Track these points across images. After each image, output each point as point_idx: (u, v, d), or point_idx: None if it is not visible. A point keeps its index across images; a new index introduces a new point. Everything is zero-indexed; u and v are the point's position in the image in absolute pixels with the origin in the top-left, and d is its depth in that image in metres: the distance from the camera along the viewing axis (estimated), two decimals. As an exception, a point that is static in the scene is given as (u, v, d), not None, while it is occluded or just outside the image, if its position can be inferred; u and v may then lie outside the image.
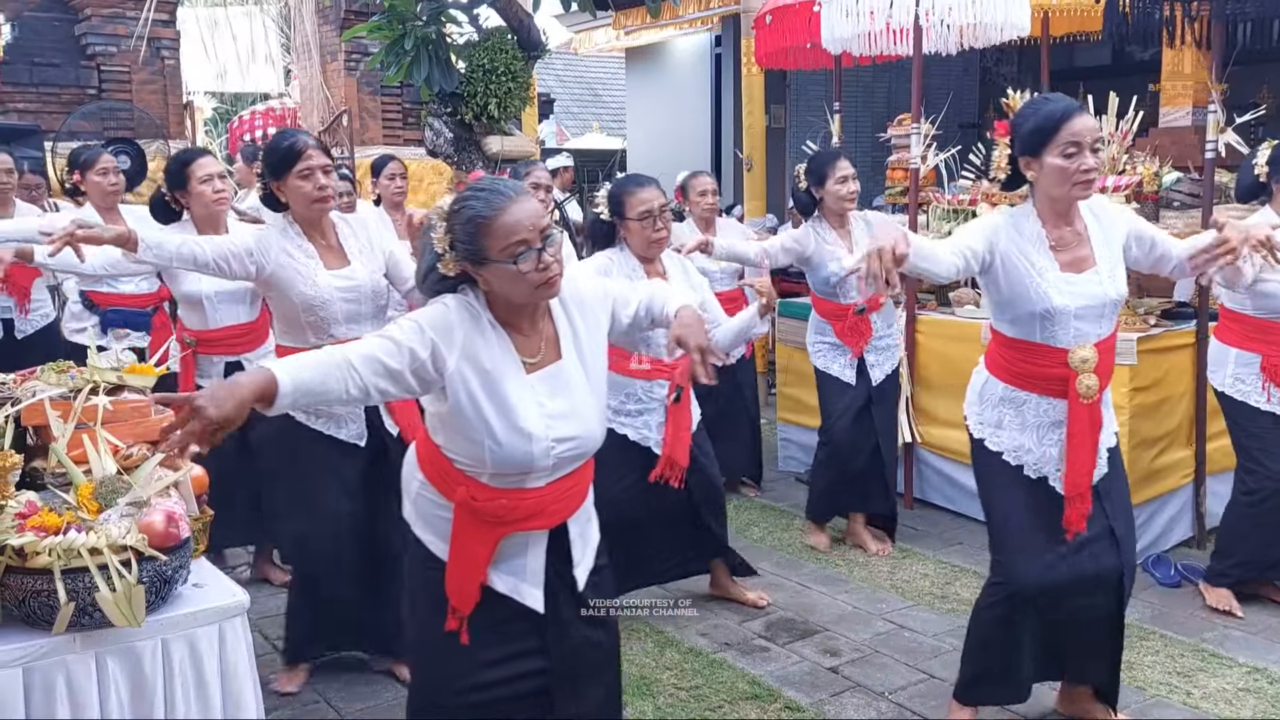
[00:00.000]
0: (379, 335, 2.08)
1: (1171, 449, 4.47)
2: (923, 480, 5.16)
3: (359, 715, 3.22)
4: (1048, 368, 2.82)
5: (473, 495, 2.16)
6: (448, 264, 2.11)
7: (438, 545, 2.23)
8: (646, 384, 3.72)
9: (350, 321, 3.16)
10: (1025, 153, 2.76)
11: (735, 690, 3.34)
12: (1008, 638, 2.91)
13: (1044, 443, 2.87)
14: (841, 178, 4.40)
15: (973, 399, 3.00)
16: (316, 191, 3.08)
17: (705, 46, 11.34)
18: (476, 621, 2.21)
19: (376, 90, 9.08)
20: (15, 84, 8.07)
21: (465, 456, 2.16)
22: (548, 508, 2.22)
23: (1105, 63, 10.30)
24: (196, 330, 3.87)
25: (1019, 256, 2.78)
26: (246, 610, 2.10)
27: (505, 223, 2.04)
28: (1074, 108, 2.70)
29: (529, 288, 2.08)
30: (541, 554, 2.26)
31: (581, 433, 2.20)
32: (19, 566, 1.87)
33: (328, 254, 3.18)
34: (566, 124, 17.79)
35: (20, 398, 2.31)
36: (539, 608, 2.24)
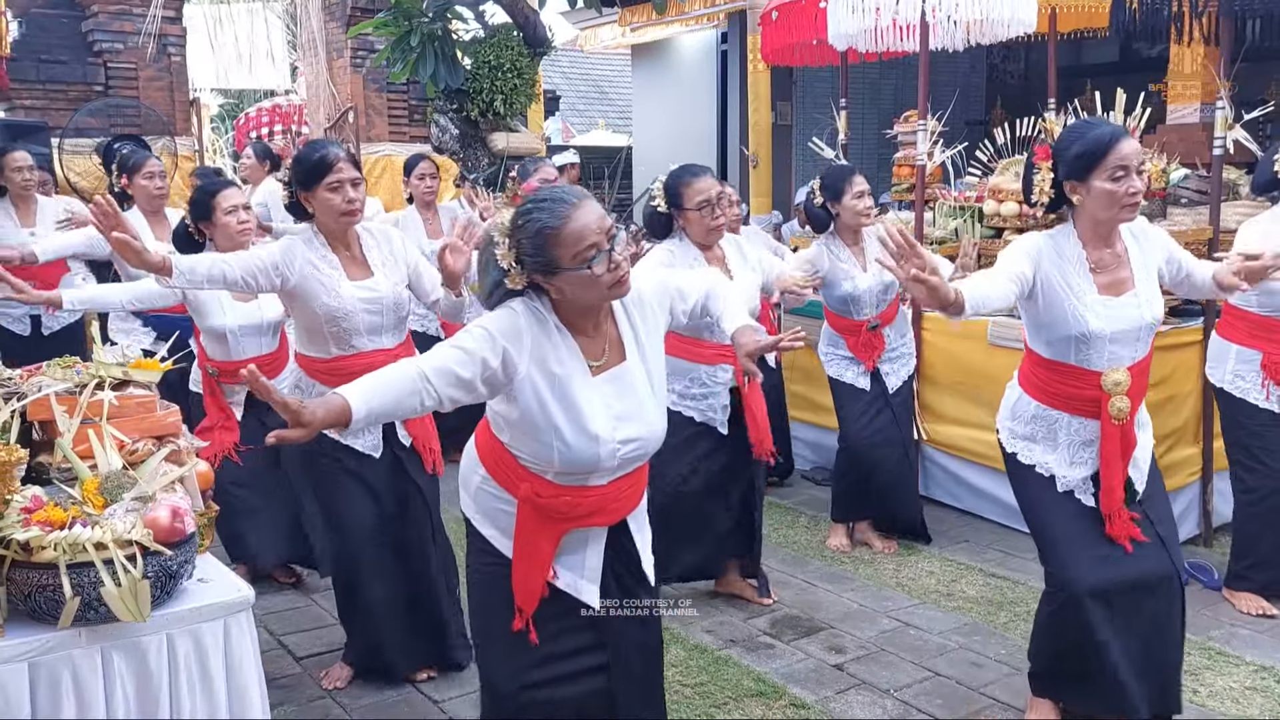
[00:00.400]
0: (451, 345, 2.10)
1: (1179, 446, 4.46)
2: (929, 478, 5.15)
3: (364, 712, 3.22)
4: (1081, 389, 2.82)
5: (537, 491, 2.20)
6: (515, 278, 2.13)
7: (500, 540, 2.27)
8: (710, 369, 3.79)
9: (372, 333, 3.17)
10: (1071, 177, 2.74)
11: (740, 687, 3.34)
12: (1081, 643, 2.86)
13: (1075, 462, 2.88)
14: (858, 193, 4.39)
15: (1005, 414, 3.01)
16: (345, 204, 3.07)
17: (711, 43, 11.32)
18: (541, 618, 2.24)
19: (383, 87, 9.08)
20: (23, 80, 8.08)
21: (532, 456, 2.20)
22: (609, 505, 2.27)
23: (1113, 59, 10.28)
24: (219, 361, 3.90)
25: (1059, 279, 2.77)
26: (252, 606, 2.10)
27: (574, 229, 2.07)
28: (1121, 132, 2.70)
29: (603, 289, 2.11)
30: (600, 551, 2.30)
31: (645, 433, 2.24)
32: (25, 561, 1.87)
33: (351, 265, 3.18)
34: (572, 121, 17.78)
35: (26, 392, 2.31)
36: (595, 604, 2.28)
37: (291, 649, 3.65)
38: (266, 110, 12.40)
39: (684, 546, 3.86)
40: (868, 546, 4.59)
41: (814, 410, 5.48)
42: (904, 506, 4.61)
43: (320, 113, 9.33)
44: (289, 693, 3.32)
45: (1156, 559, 2.86)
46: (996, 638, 3.69)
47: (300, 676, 3.45)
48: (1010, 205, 5.09)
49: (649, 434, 2.25)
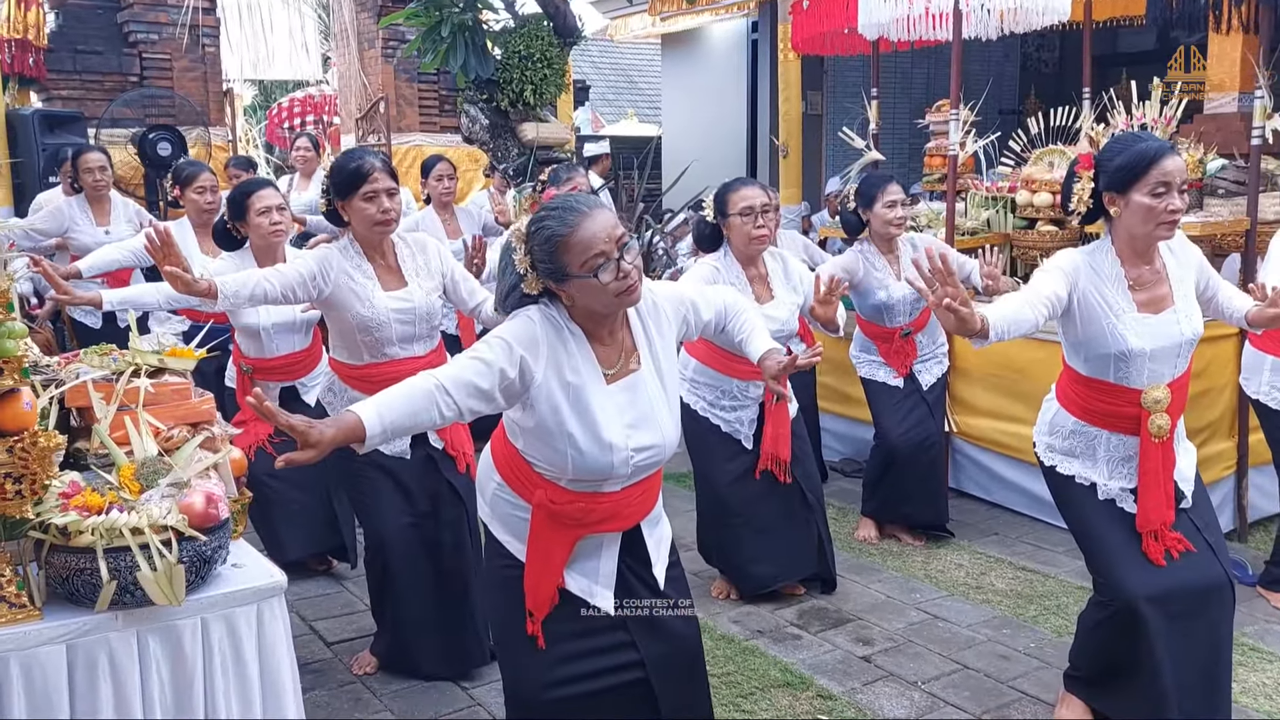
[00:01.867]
0: (470, 356, 2.12)
1: (1213, 440, 4.41)
2: (959, 470, 5.12)
3: (393, 698, 3.25)
4: (1120, 406, 2.79)
5: (551, 498, 2.22)
6: (530, 284, 2.17)
7: (515, 545, 2.30)
8: (743, 384, 3.83)
9: (404, 342, 3.20)
10: (1111, 189, 2.71)
11: (767, 678, 3.34)
12: (1134, 649, 2.82)
13: (1114, 476, 2.86)
14: (890, 202, 4.37)
15: (1043, 428, 2.98)
16: (380, 215, 3.09)
17: (742, 32, 11.27)
18: (555, 621, 2.26)
19: (414, 77, 9.12)
20: (60, 71, 8.19)
21: (546, 463, 2.22)
22: (622, 511, 2.29)
23: (1150, 48, 10.12)
24: (254, 359, 3.94)
25: (1096, 297, 2.73)
26: (284, 591, 2.13)
27: (582, 238, 2.10)
28: (1166, 147, 2.66)
29: (610, 297, 2.14)
30: (614, 556, 2.32)
31: (659, 441, 2.26)
32: (63, 545, 1.90)
33: (386, 275, 3.20)
34: (602, 111, 17.76)
35: (64, 379, 2.34)
36: (609, 609, 2.30)
37: (323, 634, 3.69)
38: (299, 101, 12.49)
39: (750, 558, 3.89)
40: (896, 539, 4.57)
41: (844, 402, 5.46)
42: (932, 503, 4.59)
43: (351, 103, 9.38)
44: (320, 677, 3.36)
45: (1209, 566, 2.81)
46: (1026, 631, 3.67)
47: (331, 662, 3.49)
48: (1044, 196, 5.04)
49: (662, 441, 2.27)
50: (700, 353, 3.86)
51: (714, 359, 3.80)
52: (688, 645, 2.41)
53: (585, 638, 2.30)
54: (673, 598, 2.41)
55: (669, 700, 2.34)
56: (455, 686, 3.31)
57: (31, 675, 1.85)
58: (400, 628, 3.33)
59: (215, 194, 4.78)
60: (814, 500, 3.96)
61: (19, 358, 1.89)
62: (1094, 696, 3.01)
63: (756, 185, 3.81)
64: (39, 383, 2.16)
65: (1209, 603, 2.81)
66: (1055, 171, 5.02)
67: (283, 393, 4.03)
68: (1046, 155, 5.17)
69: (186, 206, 4.75)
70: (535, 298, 2.21)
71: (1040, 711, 3.13)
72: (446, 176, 5.80)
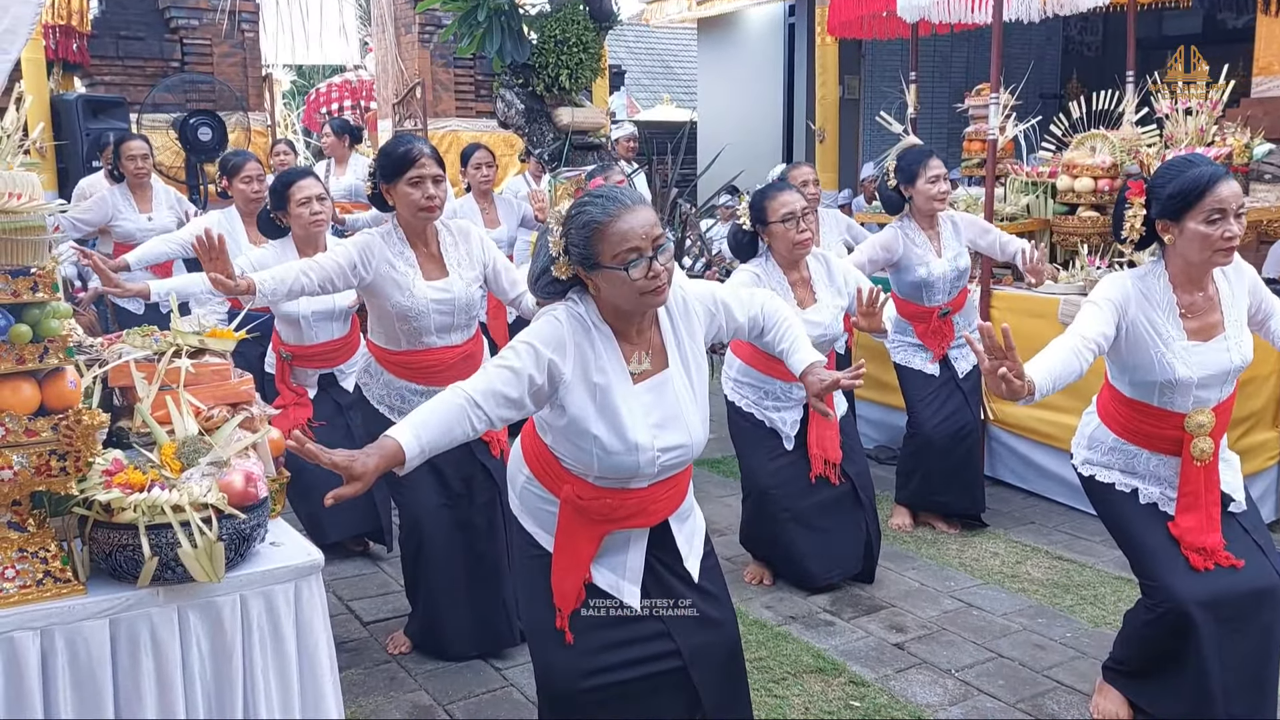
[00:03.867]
0: (497, 365, 2.13)
1: (1256, 430, 4.34)
2: (995, 458, 5.08)
3: (428, 677, 3.29)
4: (1163, 430, 2.75)
5: (578, 493, 2.23)
6: (561, 267, 2.17)
7: (544, 537, 2.31)
8: (786, 385, 3.82)
9: (441, 331, 3.22)
10: (1164, 216, 2.64)
11: (800, 663, 3.34)
12: (1182, 651, 2.79)
13: (1150, 490, 2.82)
14: (933, 177, 4.31)
15: (1081, 441, 2.95)
16: (425, 200, 3.11)
17: (778, 16, 11.18)
18: (585, 613, 2.27)
19: (450, 62, 9.15)
20: (102, 57, 8.30)
21: (572, 459, 2.23)
22: (649, 507, 2.29)
23: (1196, 31, 9.94)
24: (293, 345, 3.99)
25: (1146, 325, 2.68)
26: (321, 569, 2.15)
27: (619, 229, 2.09)
28: (1220, 173, 2.58)
29: (636, 295, 2.13)
30: (642, 552, 2.32)
31: (686, 441, 2.25)
32: (106, 521, 1.94)
33: (428, 263, 3.21)
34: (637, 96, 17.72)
35: (107, 360, 2.38)
36: (636, 605, 2.30)
37: (359, 614, 3.74)
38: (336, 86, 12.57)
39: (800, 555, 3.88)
40: (931, 527, 4.54)
41: (879, 389, 5.43)
42: (968, 492, 4.54)
43: (389, 88, 9.42)
44: (356, 656, 3.40)
45: (1260, 568, 2.77)
46: (1061, 620, 3.64)
47: (367, 641, 3.53)
48: (1085, 181, 4.97)
49: (689, 441, 2.26)
50: (744, 353, 3.85)
51: (757, 360, 3.79)
52: (725, 635, 2.40)
53: (618, 627, 2.30)
54: (708, 589, 2.40)
55: (709, 690, 2.34)
56: (489, 666, 3.34)
57: (75, 649, 1.89)
58: (432, 608, 3.36)
59: (262, 183, 4.85)
60: (866, 500, 3.93)
61: (63, 338, 1.93)
62: (1135, 690, 2.97)
63: (793, 190, 3.74)
64: (83, 362, 2.20)
65: (1261, 605, 2.76)
66: (1097, 156, 4.95)
67: (321, 379, 4.07)
68: (1088, 140, 5.10)
69: (234, 196, 4.83)
70: (564, 285, 2.21)
71: (1076, 701, 3.10)
72: (485, 165, 5.83)
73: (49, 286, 1.90)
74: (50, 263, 1.95)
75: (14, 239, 1.86)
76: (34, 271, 1.88)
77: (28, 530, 1.95)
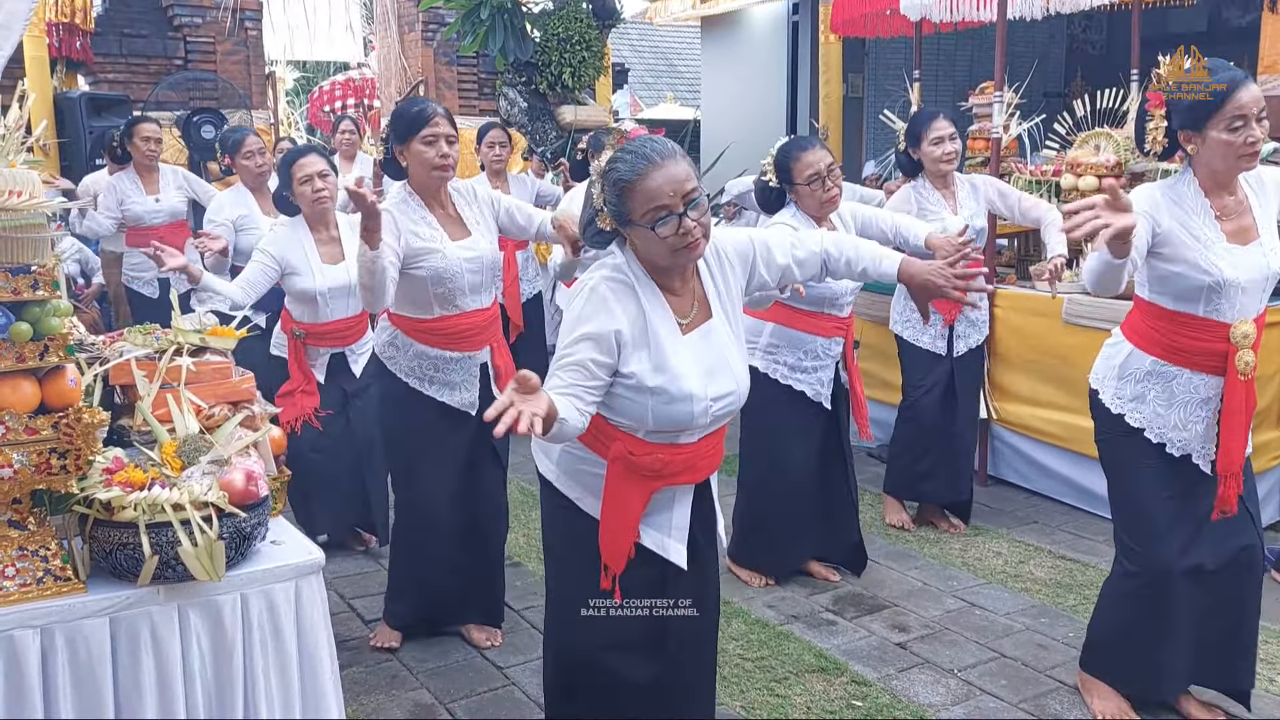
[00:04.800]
0: (569, 367, 2.08)
1: (1262, 428, 4.32)
2: (998, 457, 5.07)
3: (429, 676, 3.29)
4: (1208, 342, 2.71)
5: (630, 450, 2.21)
6: (604, 220, 2.17)
7: (588, 501, 2.28)
8: (826, 341, 3.82)
9: (474, 292, 3.21)
10: (1186, 126, 2.64)
11: (801, 662, 3.33)
12: (1157, 624, 2.81)
13: (1190, 420, 2.77)
14: (936, 138, 4.30)
15: (1108, 373, 2.88)
16: (439, 159, 3.10)
17: (782, 14, 11.15)
18: (627, 578, 2.26)
19: (453, 60, 9.14)
20: (106, 55, 8.30)
21: (624, 416, 2.21)
22: (698, 462, 2.29)
23: (1201, 29, 9.90)
24: (307, 324, 3.97)
25: (1182, 230, 2.66)
26: (322, 568, 2.15)
27: (648, 187, 2.07)
28: (1240, 78, 2.57)
29: (668, 251, 2.12)
30: (687, 509, 2.32)
31: (735, 388, 2.25)
32: (107, 520, 1.93)
33: (450, 224, 3.21)
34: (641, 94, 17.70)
35: (109, 357, 2.38)
36: (683, 563, 2.30)
37: (360, 612, 3.73)
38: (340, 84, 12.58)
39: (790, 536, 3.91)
40: (933, 526, 4.53)
41: (883, 388, 5.42)
42: (955, 482, 4.52)
43: (392, 86, 9.43)
44: (357, 654, 3.40)
45: (1246, 533, 2.80)
46: (1064, 620, 3.63)
47: (368, 639, 3.52)
48: (1089, 180, 4.95)
49: (738, 388, 2.26)
50: (779, 315, 3.79)
51: (797, 319, 3.76)
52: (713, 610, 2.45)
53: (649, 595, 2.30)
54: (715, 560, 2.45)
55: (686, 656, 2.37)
56: (490, 665, 3.33)
57: (76, 647, 1.89)
58: (428, 589, 3.37)
59: (264, 155, 4.87)
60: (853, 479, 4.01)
61: (64, 335, 1.92)
62: (1117, 672, 2.98)
63: (818, 147, 3.70)
64: (84, 360, 2.20)
65: (1240, 572, 2.80)
66: (1101, 155, 4.93)
67: (331, 363, 4.07)
68: (1092, 138, 5.08)
69: (240, 173, 4.83)
70: (609, 235, 2.21)
71: (1078, 701, 3.10)
72: (499, 144, 5.82)
73: (49, 284, 1.89)
74: (51, 260, 1.95)
75: (14, 236, 1.85)
76: (34, 269, 1.88)
77: (28, 529, 1.94)
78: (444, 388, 3.26)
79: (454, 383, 3.26)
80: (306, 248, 3.89)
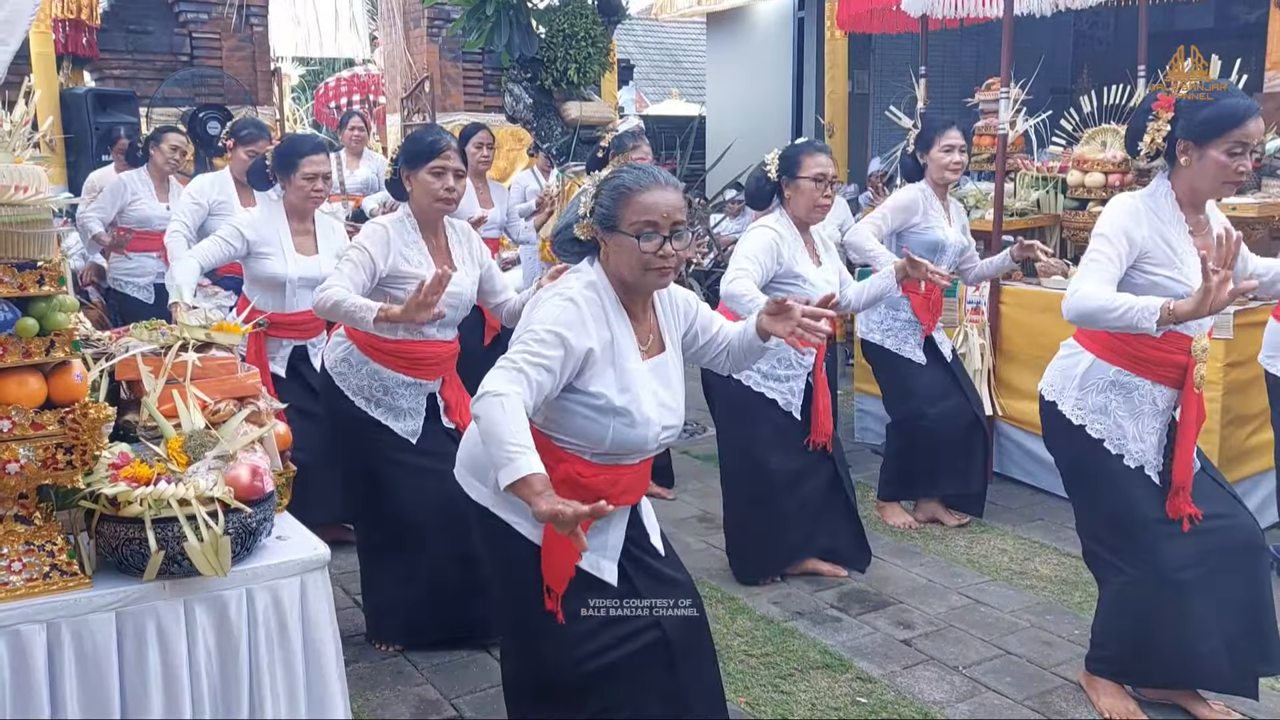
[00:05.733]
0: (539, 367, 2.08)
1: (1265, 428, 4.30)
2: (1003, 454, 5.06)
3: (434, 671, 3.29)
4: (1170, 354, 2.77)
5: (579, 472, 2.24)
6: (583, 228, 2.23)
7: (525, 526, 2.27)
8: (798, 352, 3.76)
9: (442, 325, 3.20)
10: (1188, 136, 2.68)
11: (806, 659, 3.33)
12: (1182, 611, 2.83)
13: (1145, 431, 2.83)
14: (948, 146, 4.31)
15: (1068, 383, 2.91)
16: (444, 191, 3.12)
17: (788, 10, 11.14)
18: (569, 598, 2.26)
19: (458, 56, 9.14)
20: (112, 51, 8.32)
21: (578, 437, 2.23)
22: (637, 484, 2.35)
23: (1207, 25, 9.87)
24: (272, 313, 3.90)
25: (1161, 242, 2.71)
26: (328, 564, 2.15)
27: (645, 201, 2.17)
28: (1255, 108, 2.64)
29: (641, 268, 2.18)
30: (622, 529, 2.35)
31: (677, 423, 2.33)
32: (112, 515, 1.93)
33: (438, 255, 3.22)
34: (646, 90, 17.69)
35: (115, 353, 2.38)
36: (613, 581, 2.32)
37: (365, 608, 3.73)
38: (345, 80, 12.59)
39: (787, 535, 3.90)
40: (938, 523, 4.53)
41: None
42: (971, 481, 4.50)
43: (397, 82, 9.43)
44: (362, 650, 3.40)
45: (1239, 516, 2.85)
46: (1070, 617, 3.63)
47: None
48: (1095, 176, 4.95)
49: (678, 423, 2.34)
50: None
51: None
52: (695, 603, 2.43)
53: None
54: (674, 560, 2.48)
55: (686, 660, 2.36)
56: (494, 660, 3.33)
57: (82, 641, 1.89)
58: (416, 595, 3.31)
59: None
60: (847, 478, 4.00)
61: (70, 331, 1.92)
62: (1131, 673, 2.99)
63: (828, 154, 3.75)
64: (90, 356, 2.20)
65: (1248, 554, 2.84)
66: (1108, 151, 4.93)
67: (294, 352, 4.04)
68: (1099, 135, 5.07)
69: (234, 163, 4.83)
70: (580, 247, 2.27)
71: (1083, 699, 3.09)
72: (485, 145, 5.82)
73: (55, 280, 1.90)
74: (57, 256, 1.95)
75: (20, 232, 1.85)
76: (40, 265, 1.88)
77: (34, 523, 1.95)
78: (389, 412, 3.23)
79: (400, 409, 3.23)
80: (282, 233, 3.93)
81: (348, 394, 3.23)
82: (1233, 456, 4.18)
